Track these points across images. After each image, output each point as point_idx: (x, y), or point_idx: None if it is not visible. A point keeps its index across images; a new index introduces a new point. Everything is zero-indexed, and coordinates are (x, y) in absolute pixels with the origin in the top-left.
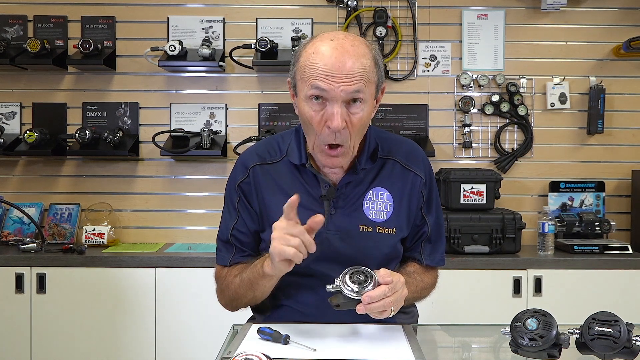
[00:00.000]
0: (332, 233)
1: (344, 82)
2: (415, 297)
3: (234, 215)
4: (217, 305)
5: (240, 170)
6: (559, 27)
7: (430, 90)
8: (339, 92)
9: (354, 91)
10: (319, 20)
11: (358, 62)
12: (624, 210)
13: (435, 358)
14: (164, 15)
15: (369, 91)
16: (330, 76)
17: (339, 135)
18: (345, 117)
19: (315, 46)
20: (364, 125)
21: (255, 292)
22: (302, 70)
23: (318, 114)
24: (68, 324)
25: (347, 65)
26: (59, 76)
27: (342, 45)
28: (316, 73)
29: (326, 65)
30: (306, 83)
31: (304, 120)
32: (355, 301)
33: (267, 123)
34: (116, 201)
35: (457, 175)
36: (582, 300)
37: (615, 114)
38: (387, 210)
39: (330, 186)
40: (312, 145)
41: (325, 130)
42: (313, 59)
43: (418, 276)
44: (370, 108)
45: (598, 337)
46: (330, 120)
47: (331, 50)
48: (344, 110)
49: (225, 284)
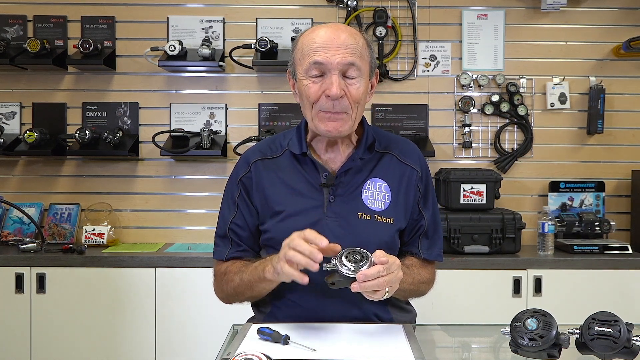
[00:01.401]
0: (331, 220)
1: (339, 53)
2: (412, 289)
3: (232, 209)
4: (217, 305)
5: (242, 166)
6: (559, 27)
7: (430, 90)
8: (335, 63)
9: (350, 62)
10: (318, 20)
11: (352, 37)
12: (624, 210)
13: (435, 358)
14: (164, 15)
15: (364, 67)
16: (326, 48)
17: (338, 103)
18: (343, 87)
19: (311, 29)
20: (361, 98)
21: (253, 292)
22: (300, 51)
23: (316, 84)
24: (68, 324)
25: (342, 37)
26: (58, 76)
27: (336, 25)
28: (314, 47)
29: (322, 38)
30: (305, 60)
31: (303, 96)
32: (350, 279)
33: (267, 123)
34: (116, 201)
35: (457, 175)
36: (582, 300)
37: (615, 114)
38: (385, 201)
39: (330, 174)
40: (311, 118)
41: (323, 98)
42: (310, 37)
43: (415, 269)
44: (366, 85)
45: (598, 337)
46: (329, 89)
47: (326, 28)
48: (342, 80)
49: (225, 281)
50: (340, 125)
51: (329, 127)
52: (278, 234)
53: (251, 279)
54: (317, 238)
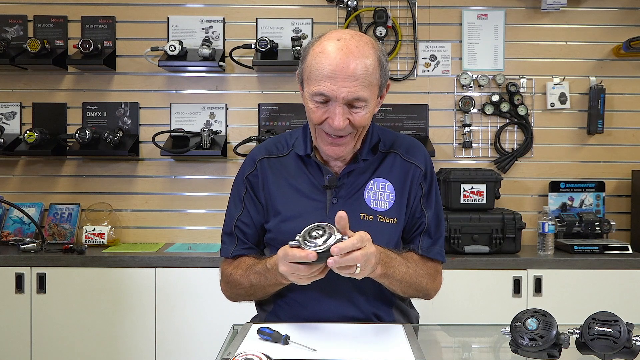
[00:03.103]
0: (333, 222)
1: (346, 85)
2: (408, 280)
3: (239, 207)
4: (217, 305)
5: (248, 164)
6: (559, 27)
7: (430, 90)
8: (341, 95)
9: (355, 97)
10: (319, 20)
11: (361, 64)
12: (624, 210)
13: (435, 358)
14: (164, 15)
15: (371, 93)
16: (333, 79)
17: (340, 132)
18: (348, 116)
19: (322, 45)
20: (366, 123)
21: (266, 293)
22: (308, 70)
23: (320, 110)
24: (68, 324)
25: (351, 67)
26: (59, 76)
27: (347, 46)
28: (321, 75)
29: (330, 66)
30: (311, 84)
31: (308, 117)
32: (325, 255)
33: (267, 123)
34: (116, 201)
35: (457, 175)
36: (582, 300)
37: (615, 114)
38: (389, 200)
39: (333, 176)
40: (315, 137)
41: (326, 123)
42: (319, 59)
43: (412, 262)
44: (372, 108)
45: (598, 337)
46: (332, 119)
47: (336, 51)
48: (346, 110)
49: (232, 282)
50: (342, 150)
51: (330, 151)
52: (280, 234)
53: (265, 284)
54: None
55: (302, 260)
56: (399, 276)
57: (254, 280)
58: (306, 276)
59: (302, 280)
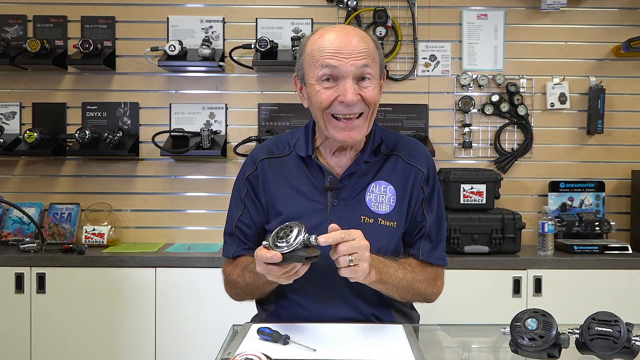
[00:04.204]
0: (334, 223)
1: (352, 58)
2: (404, 286)
3: (240, 207)
4: (217, 305)
5: (249, 164)
6: (559, 27)
7: (430, 90)
8: (350, 67)
9: (363, 65)
10: (319, 20)
11: (362, 41)
12: (624, 210)
13: (435, 358)
14: (164, 15)
15: (376, 69)
16: (339, 53)
17: (353, 107)
18: (358, 91)
19: (319, 34)
20: (376, 100)
21: (263, 291)
22: (310, 56)
23: (328, 90)
24: (68, 324)
25: (354, 43)
26: (58, 76)
27: (345, 29)
28: (325, 53)
29: (333, 44)
30: (316, 65)
31: (315, 103)
32: (303, 252)
33: (267, 123)
34: (116, 201)
35: (457, 175)
36: (582, 300)
37: (615, 114)
38: (390, 203)
39: (334, 177)
40: (324, 124)
41: (336, 104)
42: (320, 42)
43: (410, 267)
44: (378, 87)
45: (598, 337)
46: (343, 95)
47: (336, 33)
48: (356, 86)
49: (231, 281)
50: (356, 134)
51: (344, 136)
52: None
53: (259, 283)
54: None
55: (269, 261)
56: (395, 282)
57: (249, 279)
58: (281, 276)
59: (280, 280)
